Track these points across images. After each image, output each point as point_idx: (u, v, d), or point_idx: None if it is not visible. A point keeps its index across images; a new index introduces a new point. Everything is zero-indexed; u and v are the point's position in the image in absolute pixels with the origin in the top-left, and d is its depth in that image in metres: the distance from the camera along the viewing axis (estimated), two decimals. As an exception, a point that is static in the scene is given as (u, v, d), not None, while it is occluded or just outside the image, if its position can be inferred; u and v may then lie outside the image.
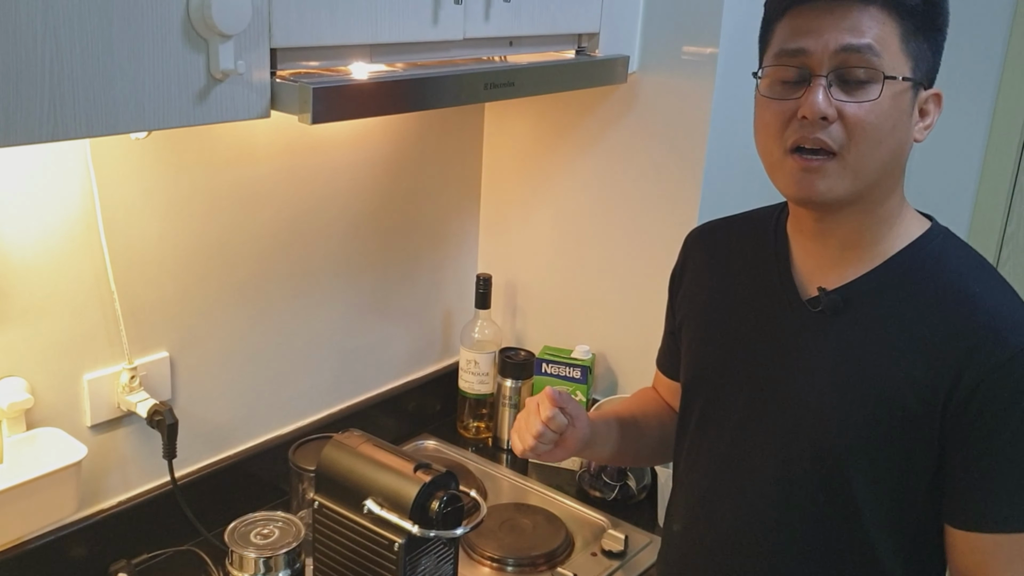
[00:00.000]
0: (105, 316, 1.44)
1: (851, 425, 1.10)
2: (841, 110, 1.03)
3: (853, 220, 1.11)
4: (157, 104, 1.03)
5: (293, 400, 1.77)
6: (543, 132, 1.97)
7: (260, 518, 1.44)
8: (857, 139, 1.04)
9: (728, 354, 1.23)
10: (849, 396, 1.10)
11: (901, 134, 1.06)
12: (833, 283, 1.13)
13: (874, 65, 1.03)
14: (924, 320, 1.08)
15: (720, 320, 1.25)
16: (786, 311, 1.17)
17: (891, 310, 1.10)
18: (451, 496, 1.31)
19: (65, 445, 1.35)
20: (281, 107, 1.16)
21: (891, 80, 1.03)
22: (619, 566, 1.61)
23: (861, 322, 1.11)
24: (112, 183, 1.40)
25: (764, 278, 1.21)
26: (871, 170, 1.06)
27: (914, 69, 1.05)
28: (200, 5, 1.03)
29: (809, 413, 1.13)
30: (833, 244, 1.14)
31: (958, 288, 1.08)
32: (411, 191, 1.91)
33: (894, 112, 1.04)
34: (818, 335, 1.13)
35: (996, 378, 1.03)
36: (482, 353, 1.98)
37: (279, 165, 1.63)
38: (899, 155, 1.08)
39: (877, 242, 1.12)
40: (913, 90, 1.06)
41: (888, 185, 1.09)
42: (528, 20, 1.48)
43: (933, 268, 1.10)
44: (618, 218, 1.89)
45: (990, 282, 1.10)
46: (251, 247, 1.62)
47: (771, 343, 1.18)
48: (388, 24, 1.26)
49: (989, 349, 1.03)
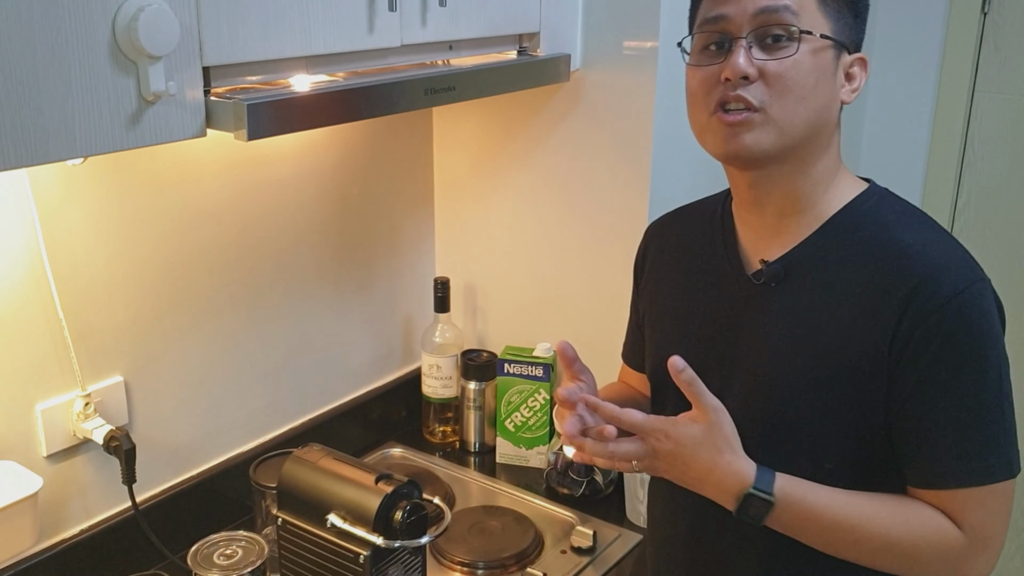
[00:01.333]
0: (55, 344, 1.42)
1: (802, 392, 1.12)
2: (762, 68, 1.07)
3: (786, 182, 1.13)
4: (88, 130, 1.02)
5: (254, 416, 1.76)
6: (492, 133, 1.96)
7: (222, 539, 1.43)
8: (778, 93, 1.07)
9: (687, 340, 1.24)
10: (797, 363, 1.12)
11: (825, 92, 1.09)
12: (775, 253, 1.16)
13: (791, 22, 1.06)
14: (862, 277, 1.10)
15: (677, 308, 1.27)
16: (733, 288, 1.20)
17: (831, 272, 1.12)
18: (414, 505, 1.30)
19: (20, 477, 1.34)
20: (217, 125, 1.15)
21: (808, 36, 1.06)
22: (589, 562, 1.61)
23: (803, 288, 1.14)
24: (53, 209, 1.38)
25: (713, 259, 1.24)
26: (796, 124, 1.08)
27: (834, 30, 1.08)
28: (127, 28, 1.02)
29: (763, 386, 1.16)
30: (770, 212, 1.16)
31: (894, 241, 1.10)
32: (362, 199, 1.90)
33: (815, 69, 1.07)
34: (764, 307, 1.16)
35: (930, 324, 1.05)
36: (444, 357, 1.98)
37: (225, 182, 1.62)
38: (825, 113, 1.10)
39: (812, 206, 1.14)
40: (835, 50, 1.09)
41: (819, 144, 1.12)
42: (466, 23, 1.48)
43: (869, 225, 1.12)
44: (571, 214, 1.89)
45: (925, 232, 1.12)
46: (201, 266, 1.60)
47: (723, 321, 1.20)
48: (322, 35, 1.25)
49: (924, 296, 1.05)
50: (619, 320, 1.40)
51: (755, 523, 1.10)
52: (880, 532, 1.09)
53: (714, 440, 1.09)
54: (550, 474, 1.83)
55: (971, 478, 1.07)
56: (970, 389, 1.06)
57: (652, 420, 1.10)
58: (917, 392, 1.07)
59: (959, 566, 1.10)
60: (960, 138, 2.45)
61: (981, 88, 2.40)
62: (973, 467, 1.07)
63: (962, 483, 1.07)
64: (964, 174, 2.47)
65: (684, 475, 1.12)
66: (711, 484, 1.11)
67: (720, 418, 1.10)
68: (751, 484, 1.09)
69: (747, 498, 1.09)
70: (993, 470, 1.07)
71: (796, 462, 1.12)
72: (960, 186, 2.49)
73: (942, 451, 1.08)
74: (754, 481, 1.09)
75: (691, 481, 1.12)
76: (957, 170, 2.47)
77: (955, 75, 2.41)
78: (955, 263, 1.08)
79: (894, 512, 1.10)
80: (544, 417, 1.90)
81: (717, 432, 1.10)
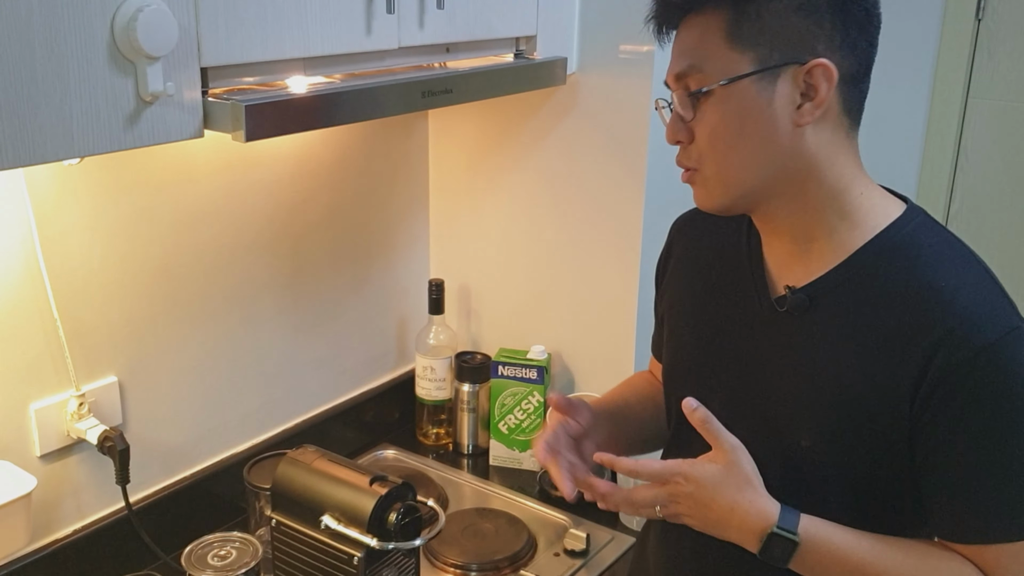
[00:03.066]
0: (49, 344, 1.42)
1: (814, 427, 1.08)
2: (691, 129, 1.06)
3: (782, 217, 1.09)
4: (86, 130, 1.02)
5: (247, 417, 1.76)
6: (488, 135, 1.97)
7: (216, 539, 1.42)
8: (705, 154, 1.06)
9: (701, 353, 1.21)
10: (811, 397, 1.08)
11: (761, 129, 1.03)
12: (801, 279, 1.10)
13: (697, 86, 1.04)
14: (890, 316, 1.03)
15: (697, 317, 1.23)
16: (756, 309, 1.15)
17: (856, 306, 1.06)
18: (408, 507, 1.31)
19: (14, 477, 1.33)
20: (214, 126, 1.15)
21: (714, 89, 1.03)
22: (582, 565, 1.62)
23: (826, 320, 1.08)
24: (49, 209, 1.38)
25: (738, 274, 1.18)
26: (738, 174, 1.05)
27: (758, 58, 1.01)
28: (125, 28, 1.01)
29: (776, 415, 1.11)
30: (787, 239, 1.11)
31: (927, 281, 1.03)
32: (357, 200, 1.90)
33: (737, 114, 1.03)
34: (785, 334, 1.11)
35: (958, 377, 0.99)
36: (438, 359, 1.98)
37: (220, 182, 1.62)
38: (773, 149, 1.04)
39: (831, 232, 1.08)
40: (763, 81, 1.01)
41: (794, 179, 1.05)
42: (463, 26, 1.48)
43: (901, 260, 1.05)
44: (566, 217, 1.89)
45: (964, 274, 1.04)
46: (196, 266, 1.60)
47: (740, 342, 1.16)
48: (320, 37, 1.25)
49: (953, 345, 0.99)
50: (614, 323, 1.40)
51: (779, 565, 1.05)
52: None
53: (735, 479, 1.05)
54: (543, 476, 1.83)
55: (1005, 535, 1.02)
56: (1002, 442, 1.01)
57: (670, 465, 1.07)
58: (944, 446, 1.01)
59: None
60: (953, 144, 2.46)
61: (975, 94, 2.41)
62: (1006, 524, 1.02)
63: (995, 540, 1.03)
64: (957, 180, 2.48)
65: (706, 518, 1.07)
66: (734, 526, 1.06)
67: (739, 457, 1.06)
68: (775, 523, 1.04)
69: (771, 538, 1.04)
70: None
71: (800, 499, 1.07)
72: (953, 192, 2.50)
73: (973, 507, 1.03)
74: (778, 520, 1.04)
75: (713, 523, 1.07)
76: (950, 176, 2.48)
77: (949, 81, 2.42)
78: (989, 309, 1.01)
79: (922, 561, 1.05)
80: (538, 420, 1.90)
81: (737, 471, 1.06)
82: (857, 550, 1.05)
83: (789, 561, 1.05)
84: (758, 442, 1.09)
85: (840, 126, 1.05)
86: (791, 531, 1.03)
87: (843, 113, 1.05)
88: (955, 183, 2.49)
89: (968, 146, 2.45)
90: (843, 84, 1.03)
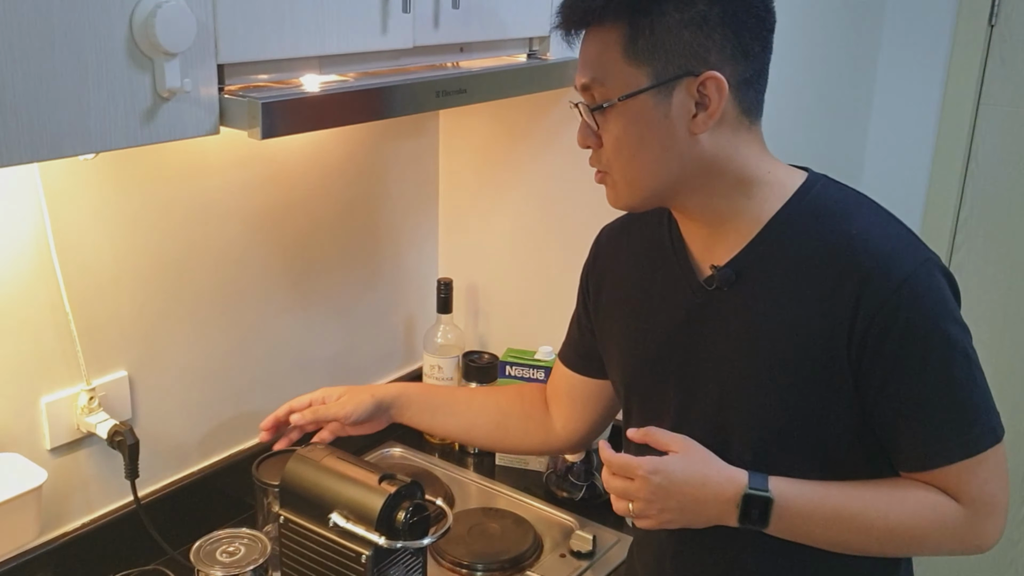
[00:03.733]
0: (61, 338, 1.42)
1: (766, 394, 1.13)
2: (599, 135, 1.14)
3: (692, 206, 1.16)
4: (103, 125, 1.02)
5: (256, 413, 1.76)
6: (499, 135, 1.96)
7: (225, 535, 1.43)
8: (612, 160, 1.13)
9: (646, 352, 1.26)
10: (757, 366, 1.13)
11: (659, 138, 1.10)
12: (723, 258, 1.16)
13: (596, 100, 1.11)
14: (812, 273, 1.10)
15: (635, 321, 1.28)
16: (687, 293, 1.20)
17: (781, 271, 1.12)
18: (417, 506, 1.31)
19: (24, 470, 1.34)
20: (230, 123, 1.15)
21: (619, 102, 1.09)
22: (588, 566, 1.62)
23: (756, 290, 1.14)
24: (63, 202, 1.38)
25: (665, 268, 1.24)
26: (642, 178, 1.13)
27: (653, 72, 1.07)
28: (144, 24, 1.02)
29: (727, 390, 1.17)
30: (703, 224, 1.18)
31: (838, 233, 1.10)
32: (368, 198, 1.90)
33: (635, 126, 1.10)
34: (719, 312, 1.17)
35: (885, 313, 1.05)
36: (445, 358, 1.98)
37: (232, 178, 1.62)
38: (671, 156, 1.10)
39: (742, 212, 1.14)
40: (659, 95, 1.08)
41: (697, 178, 1.12)
42: (478, 26, 1.48)
43: (812, 219, 1.12)
44: (575, 219, 1.89)
45: (868, 220, 1.12)
46: (207, 262, 1.61)
47: (680, 331, 1.21)
48: (336, 35, 1.25)
49: (875, 284, 1.06)
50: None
51: (759, 527, 1.11)
52: (880, 517, 1.11)
53: (698, 456, 1.13)
54: (549, 477, 1.83)
55: (958, 453, 1.09)
56: (940, 369, 1.07)
57: (638, 459, 1.13)
58: (888, 382, 1.08)
59: (966, 537, 1.12)
60: (964, 150, 2.45)
61: (986, 100, 2.41)
62: (957, 443, 1.09)
63: (950, 460, 1.09)
64: (967, 186, 2.47)
65: (683, 504, 1.12)
66: (709, 499, 1.12)
67: (692, 443, 1.14)
68: (746, 484, 1.10)
69: (746, 499, 1.10)
70: (978, 440, 1.09)
71: (770, 465, 1.14)
72: (963, 198, 2.49)
73: (924, 434, 1.10)
74: (748, 482, 1.11)
75: (691, 505, 1.12)
76: (960, 182, 2.47)
77: (960, 87, 2.42)
78: (899, 247, 1.09)
79: (890, 496, 1.12)
80: (545, 420, 1.90)
81: (696, 450, 1.14)
82: (829, 498, 1.12)
83: (768, 522, 1.10)
84: (716, 419, 1.17)
85: (740, 125, 1.12)
86: (763, 488, 1.10)
87: (741, 114, 1.11)
88: (965, 189, 2.48)
89: (979, 152, 2.44)
90: (738, 89, 1.10)
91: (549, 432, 1.50)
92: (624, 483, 1.14)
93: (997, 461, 1.10)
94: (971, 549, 1.13)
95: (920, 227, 2.50)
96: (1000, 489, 1.11)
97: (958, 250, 2.51)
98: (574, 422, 1.47)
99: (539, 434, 1.50)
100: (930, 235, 2.49)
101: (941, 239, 2.50)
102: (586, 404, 1.45)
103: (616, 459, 1.14)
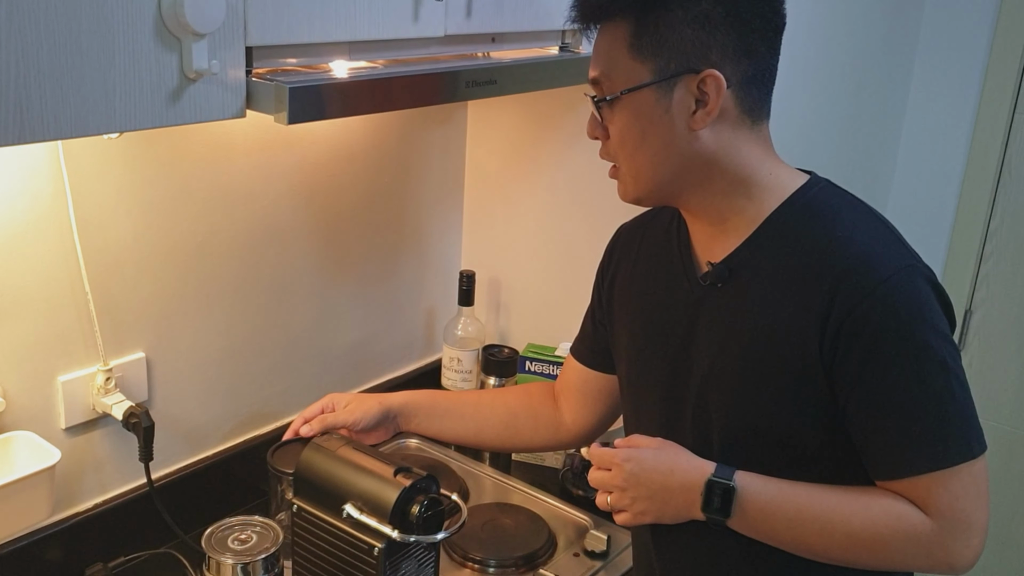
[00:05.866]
0: (79, 317, 1.41)
1: (745, 390, 1.15)
2: (607, 128, 1.16)
3: (695, 204, 1.18)
4: (128, 105, 1.01)
5: (272, 400, 1.75)
6: (527, 128, 1.95)
7: (238, 523, 1.42)
8: (618, 152, 1.17)
9: (650, 346, 1.28)
10: (737, 361, 1.15)
11: (661, 134, 1.12)
12: (720, 255, 1.18)
13: (603, 93, 1.14)
14: (795, 272, 1.11)
15: (642, 316, 1.30)
16: (685, 290, 1.23)
17: (771, 269, 1.14)
18: (431, 500, 1.29)
19: (39, 449, 1.33)
20: (257, 107, 1.13)
21: (616, 99, 1.12)
22: (601, 566, 1.60)
23: (745, 287, 1.16)
24: (85, 182, 1.37)
25: (670, 264, 1.27)
26: (645, 172, 1.15)
27: (656, 68, 1.10)
28: (172, 3, 1.00)
29: (713, 387, 1.18)
30: (705, 222, 1.20)
31: (823, 234, 1.11)
32: (393, 187, 1.88)
33: (638, 120, 1.12)
34: (712, 308, 1.19)
35: (858, 314, 1.05)
36: (465, 351, 1.96)
37: (257, 162, 1.61)
38: (672, 152, 1.13)
39: (741, 211, 1.16)
40: (660, 90, 1.10)
41: (697, 175, 1.14)
42: (511, 16, 1.46)
43: (804, 220, 1.14)
44: (602, 216, 1.87)
45: (857, 222, 1.13)
46: (229, 245, 1.60)
47: (677, 325, 1.23)
48: (367, 21, 1.23)
49: (851, 285, 1.06)
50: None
51: (722, 518, 1.13)
52: (842, 521, 1.10)
53: (671, 448, 1.18)
54: (565, 475, 1.82)
55: (925, 464, 1.07)
56: (912, 377, 1.06)
57: (610, 450, 1.19)
58: (859, 384, 1.07)
59: (934, 552, 1.09)
60: (997, 159, 2.41)
61: (1022, 110, 2.37)
62: (927, 453, 1.07)
63: (919, 470, 1.08)
64: (999, 195, 2.44)
65: (651, 493, 1.16)
66: (676, 487, 1.15)
67: (666, 440, 1.19)
68: (711, 473, 1.13)
69: (709, 486, 1.12)
70: (949, 454, 1.07)
71: (743, 460, 1.15)
72: (994, 207, 2.46)
73: (894, 440, 1.08)
74: (714, 471, 1.13)
75: (659, 493, 1.16)
76: (992, 191, 2.44)
77: (996, 95, 2.38)
78: (882, 251, 1.09)
79: (856, 501, 1.11)
80: (563, 417, 1.88)
81: (670, 445, 1.19)
82: (794, 496, 1.12)
83: (731, 511, 1.12)
84: (697, 412, 1.20)
85: (741, 124, 1.13)
86: (727, 477, 1.12)
87: (743, 113, 1.13)
88: (996, 199, 2.44)
89: (1012, 162, 2.40)
90: (740, 88, 1.11)
91: (559, 427, 1.51)
92: (603, 474, 1.19)
93: (973, 478, 1.08)
94: (942, 567, 1.10)
95: (949, 236, 2.47)
96: (975, 508, 1.08)
97: (987, 260, 2.47)
98: (584, 417, 1.49)
99: (548, 430, 1.52)
100: (959, 244, 2.46)
101: (970, 248, 2.46)
102: (596, 399, 1.47)
103: (596, 452, 1.20)
